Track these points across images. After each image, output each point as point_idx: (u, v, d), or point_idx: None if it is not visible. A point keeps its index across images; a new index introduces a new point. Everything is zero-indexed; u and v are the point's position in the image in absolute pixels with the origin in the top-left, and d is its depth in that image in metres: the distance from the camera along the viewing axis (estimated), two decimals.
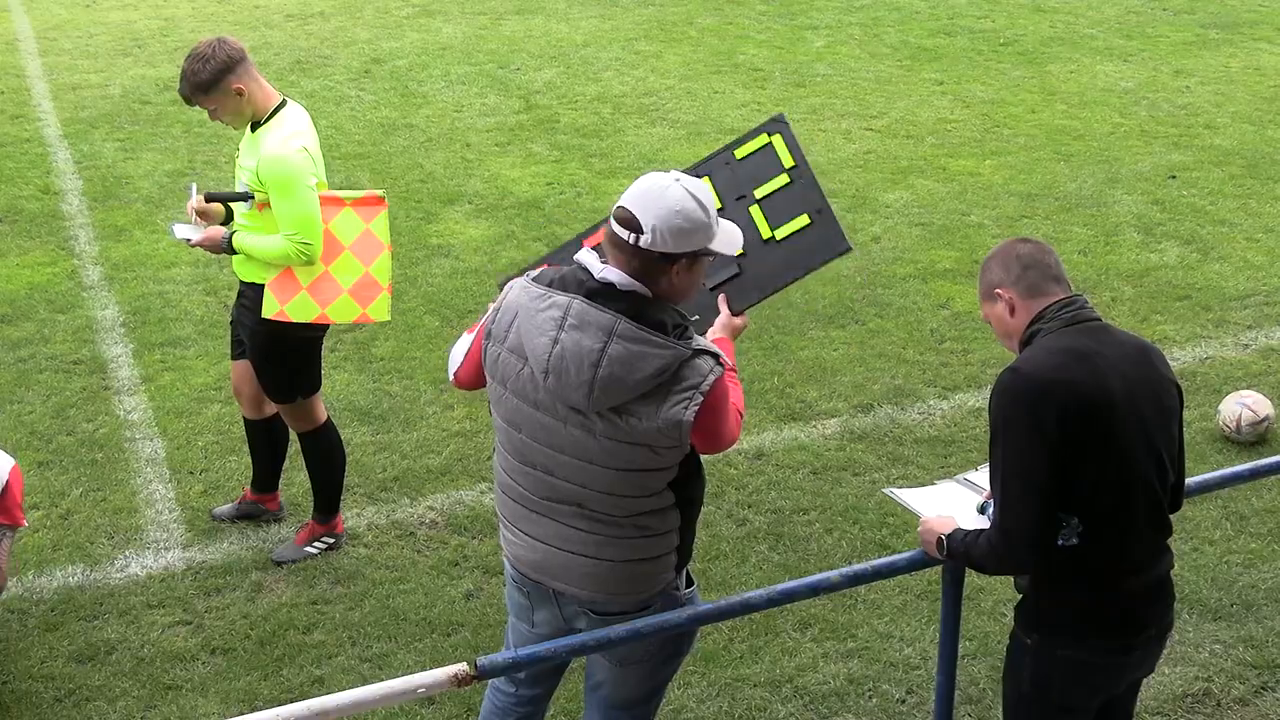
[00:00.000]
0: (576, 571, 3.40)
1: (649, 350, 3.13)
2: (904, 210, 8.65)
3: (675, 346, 3.14)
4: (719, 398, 3.22)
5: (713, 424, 3.23)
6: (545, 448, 3.28)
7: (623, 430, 3.18)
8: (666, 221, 3.13)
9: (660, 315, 3.18)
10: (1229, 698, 4.57)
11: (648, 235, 3.13)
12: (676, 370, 3.15)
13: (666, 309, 3.20)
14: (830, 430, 6.19)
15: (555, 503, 3.35)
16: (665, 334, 3.15)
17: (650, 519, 3.35)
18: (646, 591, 3.44)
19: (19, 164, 9.50)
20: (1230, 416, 6.03)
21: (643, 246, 3.14)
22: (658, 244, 3.14)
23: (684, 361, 3.16)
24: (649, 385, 3.13)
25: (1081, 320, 3.24)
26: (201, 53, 4.78)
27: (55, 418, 6.29)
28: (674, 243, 3.15)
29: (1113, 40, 12.49)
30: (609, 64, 11.84)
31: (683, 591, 3.52)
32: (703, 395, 3.16)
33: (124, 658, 4.77)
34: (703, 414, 3.18)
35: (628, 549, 3.36)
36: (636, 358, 3.12)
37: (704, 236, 3.20)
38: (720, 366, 3.22)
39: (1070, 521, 3.16)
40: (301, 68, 11.72)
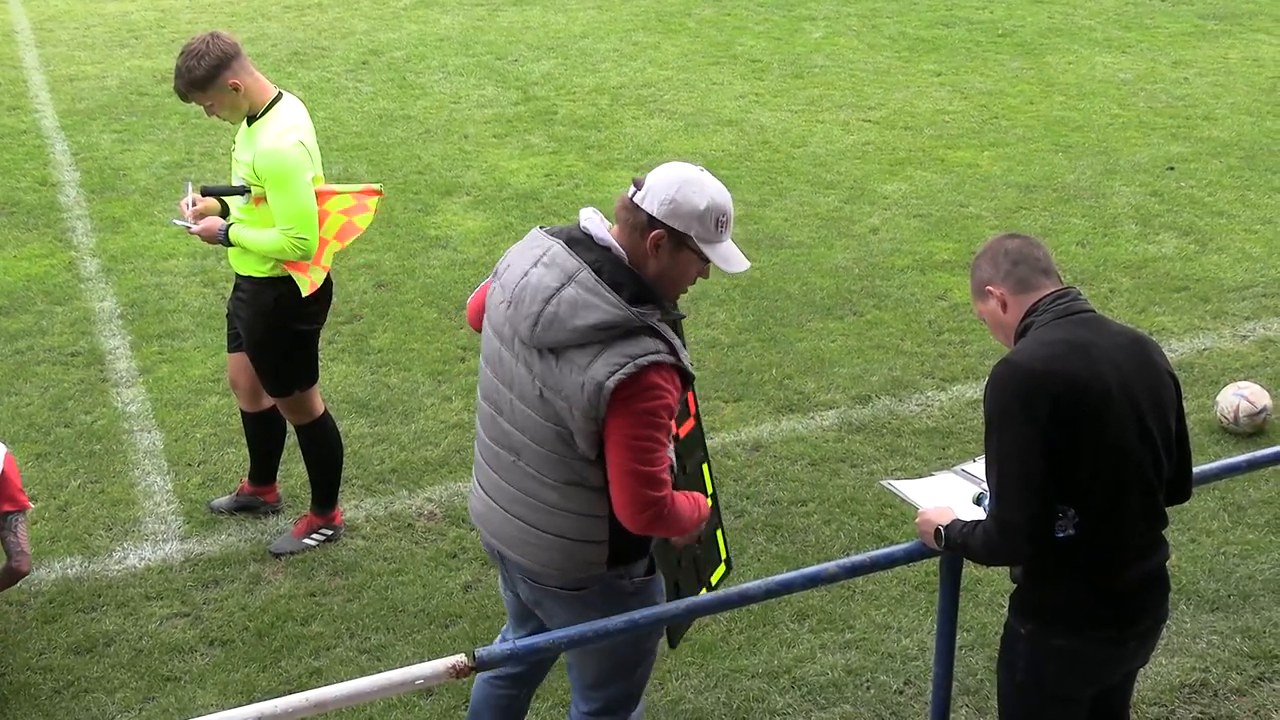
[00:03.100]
0: (511, 532, 3.44)
1: (597, 302, 3.15)
2: (902, 201, 8.65)
3: (625, 309, 3.15)
4: (649, 386, 3.14)
5: (632, 410, 3.13)
6: (499, 382, 3.35)
7: (554, 377, 3.19)
8: (664, 185, 3.19)
9: (623, 278, 3.19)
10: (1226, 688, 4.58)
11: (643, 192, 3.20)
12: (620, 335, 3.14)
13: (636, 278, 3.21)
14: (828, 422, 6.20)
15: (501, 449, 3.38)
16: (619, 295, 3.15)
17: (577, 495, 3.32)
18: (575, 572, 3.42)
19: (16, 155, 9.48)
20: (1228, 408, 6.04)
21: (634, 201, 3.21)
22: (646, 202, 3.19)
23: (631, 330, 3.15)
24: (587, 336, 3.14)
25: (1075, 312, 3.25)
26: (195, 49, 4.77)
27: (53, 410, 6.29)
28: (659, 207, 3.18)
29: (1111, 31, 12.48)
30: (607, 55, 11.82)
31: (633, 579, 3.48)
32: (635, 368, 3.12)
33: (122, 649, 4.77)
34: (625, 389, 3.12)
35: (553, 520, 3.35)
36: (582, 305, 3.15)
37: (691, 223, 3.19)
38: (667, 357, 3.16)
39: (1066, 512, 3.16)
40: (299, 59, 11.71)
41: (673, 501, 3.25)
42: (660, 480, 3.21)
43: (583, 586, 3.45)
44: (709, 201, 3.21)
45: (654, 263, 3.24)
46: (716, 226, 3.24)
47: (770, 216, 8.44)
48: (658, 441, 3.19)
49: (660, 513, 3.23)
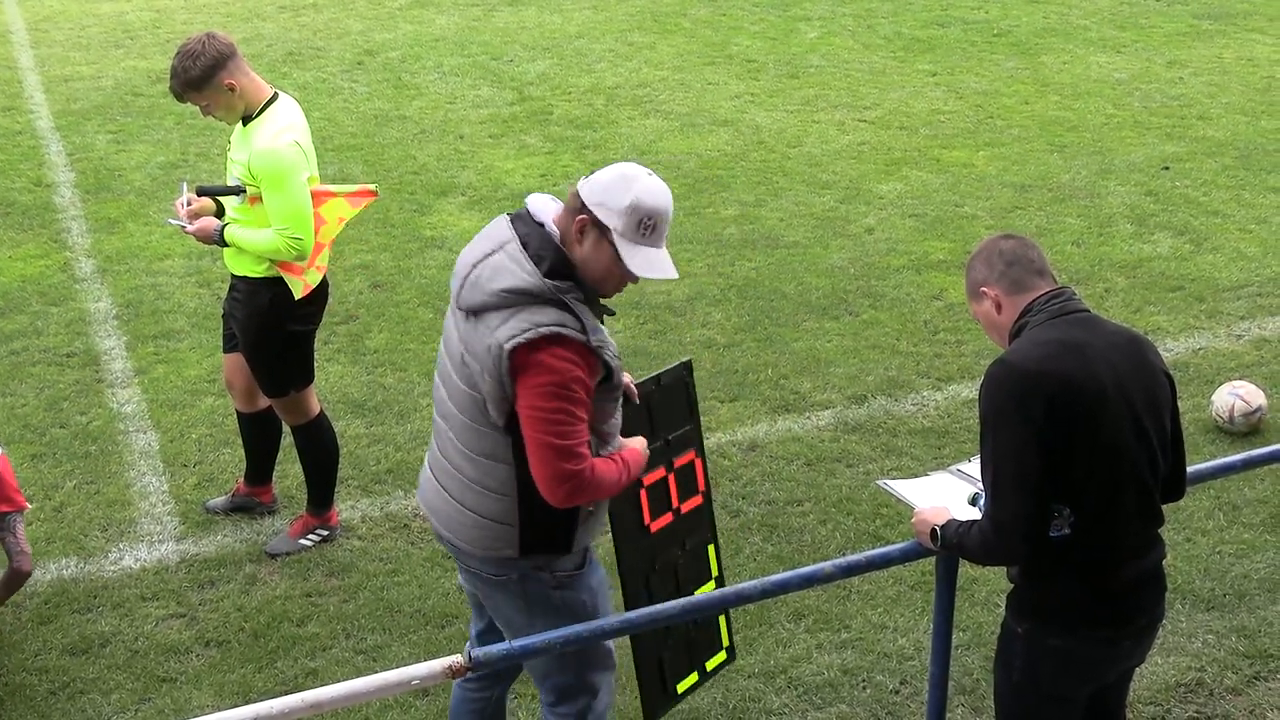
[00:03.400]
0: (439, 505, 3.53)
1: (515, 269, 3.25)
2: (897, 201, 8.65)
3: (538, 279, 3.22)
4: (551, 356, 3.18)
5: (536, 380, 3.19)
6: (444, 351, 3.46)
7: (471, 339, 3.28)
8: (604, 175, 3.27)
9: (546, 253, 3.27)
10: (1221, 687, 4.58)
11: (586, 178, 3.29)
12: (530, 302, 3.22)
13: (561, 256, 3.26)
14: (824, 422, 6.20)
15: (439, 419, 3.48)
16: (536, 266, 3.23)
17: (491, 470, 3.38)
18: (489, 553, 3.46)
19: (11, 156, 9.47)
20: (1223, 407, 6.04)
21: (578, 185, 3.29)
22: (582, 185, 3.27)
23: (542, 299, 3.22)
24: (501, 300, 3.23)
25: (1069, 312, 3.25)
26: (191, 49, 4.76)
27: (48, 410, 6.29)
28: (590, 191, 3.25)
29: (1106, 31, 12.49)
30: (602, 55, 11.82)
31: (554, 573, 3.50)
32: (536, 334, 3.19)
33: (118, 650, 4.77)
34: (524, 355, 3.19)
35: (469, 494, 3.42)
36: (501, 270, 3.26)
37: (614, 217, 3.23)
38: (574, 333, 3.20)
39: (1061, 511, 3.17)
40: (294, 59, 11.70)
41: (592, 472, 3.30)
42: (575, 453, 3.25)
43: (502, 575, 3.50)
44: (634, 199, 3.23)
45: (578, 249, 3.29)
46: (640, 228, 3.24)
47: (766, 216, 8.44)
48: (569, 414, 3.22)
49: (579, 485, 3.28)
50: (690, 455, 3.91)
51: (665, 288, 7.47)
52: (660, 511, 3.80)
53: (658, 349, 6.82)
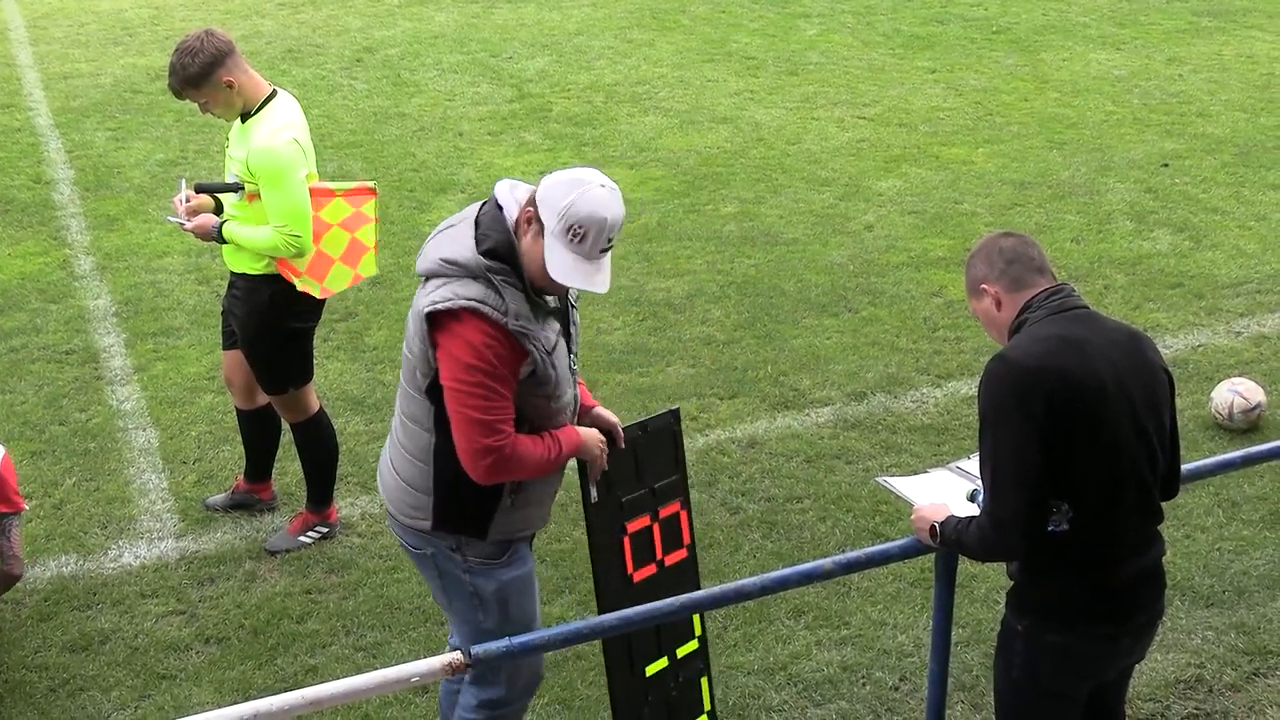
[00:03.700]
0: (382, 468, 3.66)
1: (457, 240, 3.35)
2: (897, 198, 8.65)
3: (473, 254, 3.31)
4: (468, 330, 3.26)
5: (453, 351, 3.28)
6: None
7: (415, 302, 3.40)
8: (559, 174, 3.30)
9: (492, 233, 3.33)
10: (1221, 684, 4.59)
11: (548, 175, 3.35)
12: (461, 274, 3.30)
13: (507, 240, 3.32)
14: (823, 418, 6.20)
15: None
16: (475, 243, 3.31)
17: (415, 435, 3.48)
18: (409, 521, 3.54)
19: (10, 153, 9.47)
20: (1222, 404, 6.04)
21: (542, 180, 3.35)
22: (545, 179, 3.32)
23: (471, 274, 3.30)
24: (438, 267, 3.34)
25: (1069, 308, 3.25)
26: (189, 46, 4.76)
27: (48, 408, 6.28)
28: (544, 187, 3.30)
29: (1105, 28, 12.48)
30: (601, 52, 11.82)
31: (467, 558, 3.54)
32: (454, 305, 3.27)
33: (117, 647, 4.77)
34: (442, 324, 3.29)
35: (397, 455, 3.55)
36: (446, 241, 3.38)
37: (550, 216, 3.26)
38: (491, 311, 3.25)
39: (1060, 508, 3.17)
40: (293, 56, 11.69)
41: (513, 449, 3.34)
42: (494, 428, 3.31)
43: (420, 549, 3.59)
44: (569, 204, 3.24)
45: (523, 239, 3.35)
46: (569, 233, 3.25)
47: (765, 213, 8.44)
48: (488, 389, 3.29)
49: (498, 460, 3.33)
50: (676, 506, 3.86)
51: (665, 284, 7.47)
52: (644, 562, 3.77)
53: (657, 345, 6.83)
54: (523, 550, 3.64)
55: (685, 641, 3.98)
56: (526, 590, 3.65)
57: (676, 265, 7.72)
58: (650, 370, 6.61)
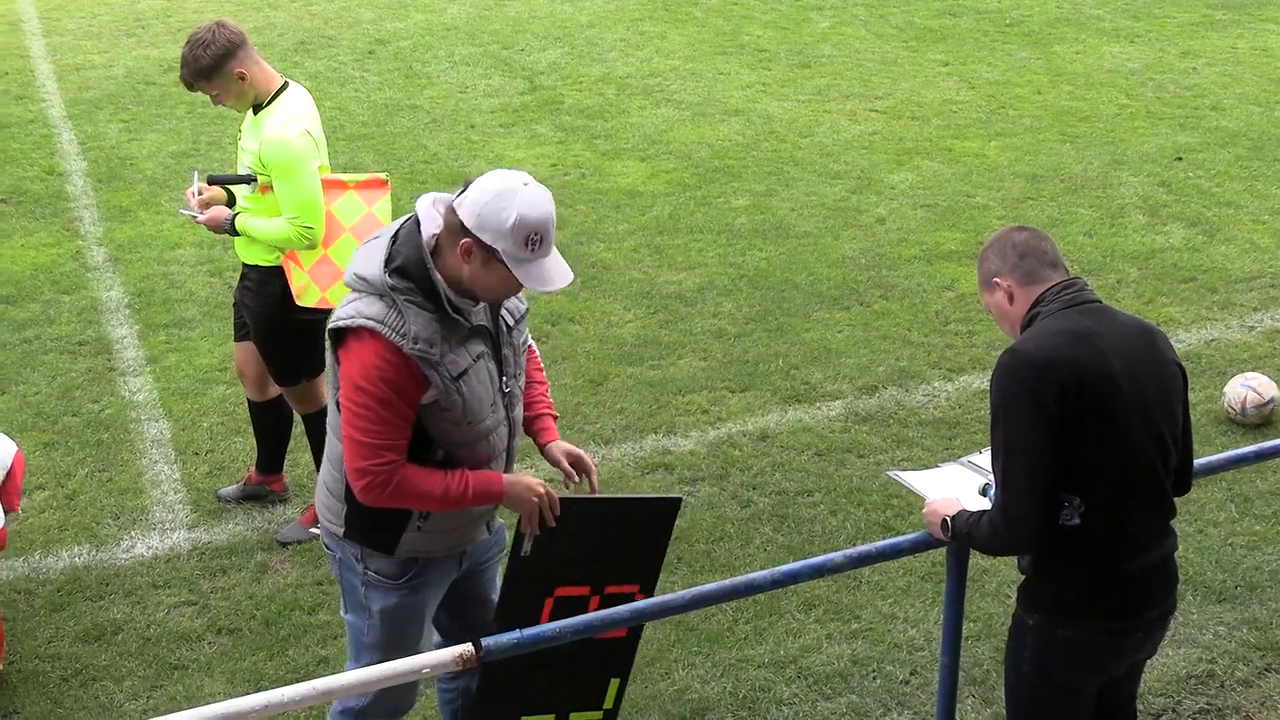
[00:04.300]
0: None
1: (369, 256, 3.30)
2: (909, 192, 8.64)
3: (378, 272, 3.25)
4: (360, 350, 3.23)
5: (347, 370, 3.27)
6: None
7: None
8: (480, 194, 3.20)
9: (404, 251, 3.26)
10: (1233, 679, 4.58)
11: (463, 197, 3.23)
12: (368, 291, 3.27)
13: (419, 259, 3.24)
14: (835, 412, 6.19)
15: None
16: (385, 260, 3.25)
17: (331, 440, 3.49)
18: (326, 524, 3.56)
19: (23, 145, 9.49)
20: (1235, 399, 6.03)
21: (454, 205, 3.25)
22: (462, 208, 3.22)
23: (377, 292, 3.25)
24: (352, 281, 3.32)
25: (1081, 302, 3.25)
26: (201, 38, 4.76)
27: (61, 399, 6.30)
28: (469, 217, 3.20)
29: (1119, 21, 12.44)
30: (614, 45, 11.80)
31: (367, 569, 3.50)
32: (349, 324, 3.25)
33: (130, 638, 4.79)
34: (340, 341, 3.29)
35: (325, 455, 3.55)
36: (361, 257, 3.33)
37: (499, 239, 3.17)
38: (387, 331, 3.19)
39: (1071, 501, 3.16)
40: (305, 48, 11.70)
41: (396, 476, 3.27)
42: (374, 451, 3.25)
43: (332, 550, 3.60)
44: (516, 218, 3.16)
45: (468, 268, 3.25)
46: (527, 244, 3.19)
47: (777, 206, 8.43)
48: (372, 410, 3.23)
49: (377, 483, 3.27)
50: (632, 588, 3.53)
51: (676, 277, 7.46)
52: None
53: (668, 338, 6.82)
54: (429, 576, 3.55)
55: (585, 708, 3.68)
56: (414, 618, 3.59)
57: (688, 258, 7.71)
58: (661, 363, 6.61)
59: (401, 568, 3.51)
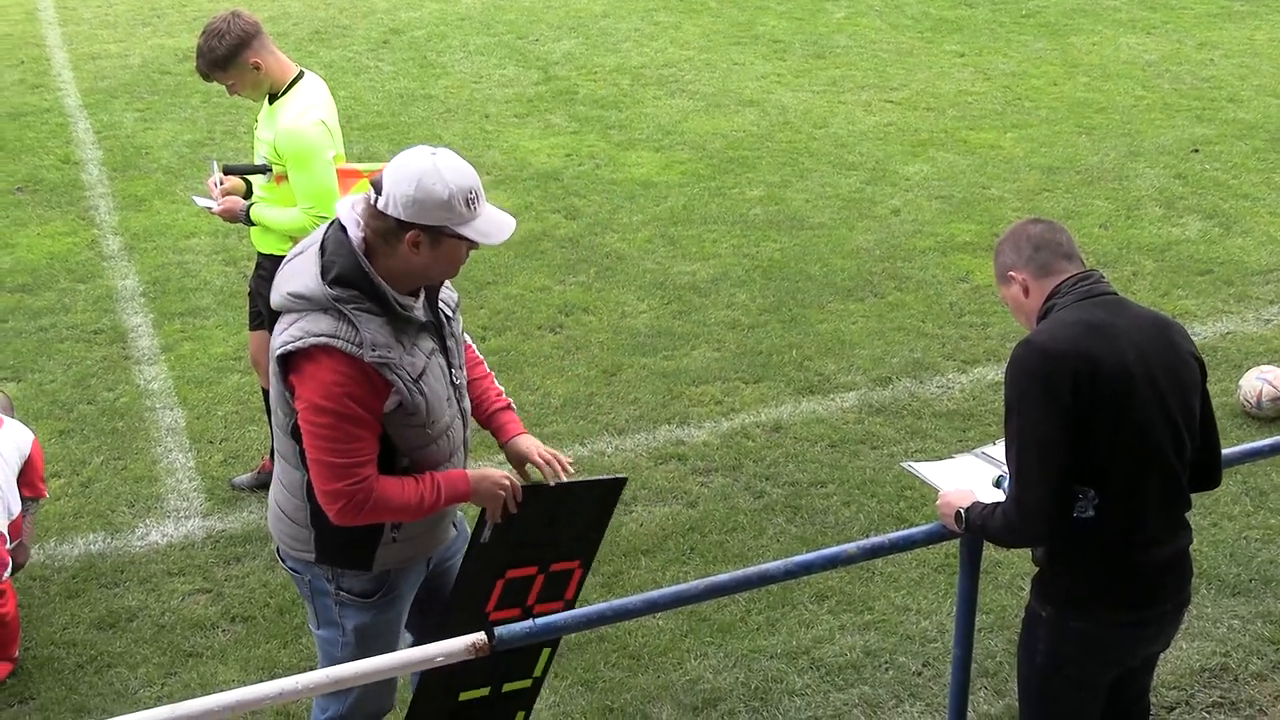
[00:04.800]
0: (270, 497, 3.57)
1: (302, 273, 3.21)
2: (924, 183, 8.61)
3: (319, 285, 3.17)
4: (319, 369, 3.14)
5: (305, 392, 3.17)
6: None
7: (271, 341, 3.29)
8: (403, 185, 3.14)
9: (338, 260, 3.17)
10: (1246, 673, 4.57)
11: (383, 198, 3.16)
12: (312, 308, 3.18)
13: (355, 264, 3.17)
14: (848, 403, 6.19)
15: None
16: (322, 273, 3.17)
17: (286, 470, 3.40)
18: (292, 551, 3.47)
19: (39, 134, 9.52)
20: (1251, 392, 6.01)
21: (379, 208, 3.17)
22: (390, 207, 3.15)
23: (321, 307, 3.17)
24: (288, 302, 3.22)
25: (1097, 294, 3.24)
26: (216, 29, 4.77)
27: (76, 387, 6.33)
28: (404, 210, 3.14)
29: (1136, 12, 12.38)
30: (628, 35, 11.79)
31: (340, 589, 3.47)
32: (304, 344, 3.15)
33: (145, 625, 4.81)
34: (294, 365, 3.19)
35: (277, 490, 3.46)
36: (294, 274, 3.24)
37: (442, 213, 3.15)
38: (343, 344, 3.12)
39: (1086, 493, 3.16)
40: (320, 38, 11.71)
41: (370, 492, 3.20)
42: (345, 471, 3.18)
43: (298, 573, 3.53)
44: (449, 188, 3.14)
45: (418, 258, 3.20)
46: (467, 205, 3.18)
47: (791, 198, 8.41)
48: (338, 430, 3.16)
49: (352, 503, 3.21)
50: (574, 564, 3.56)
51: (690, 268, 7.46)
52: (509, 604, 3.48)
53: (682, 329, 6.82)
54: (400, 588, 3.55)
55: (517, 678, 3.70)
56: (388, 631, 3.57)
57: (702, 249, 7.71)
58: (675, 354, 6.60)
59: (375, 583, 3.48)
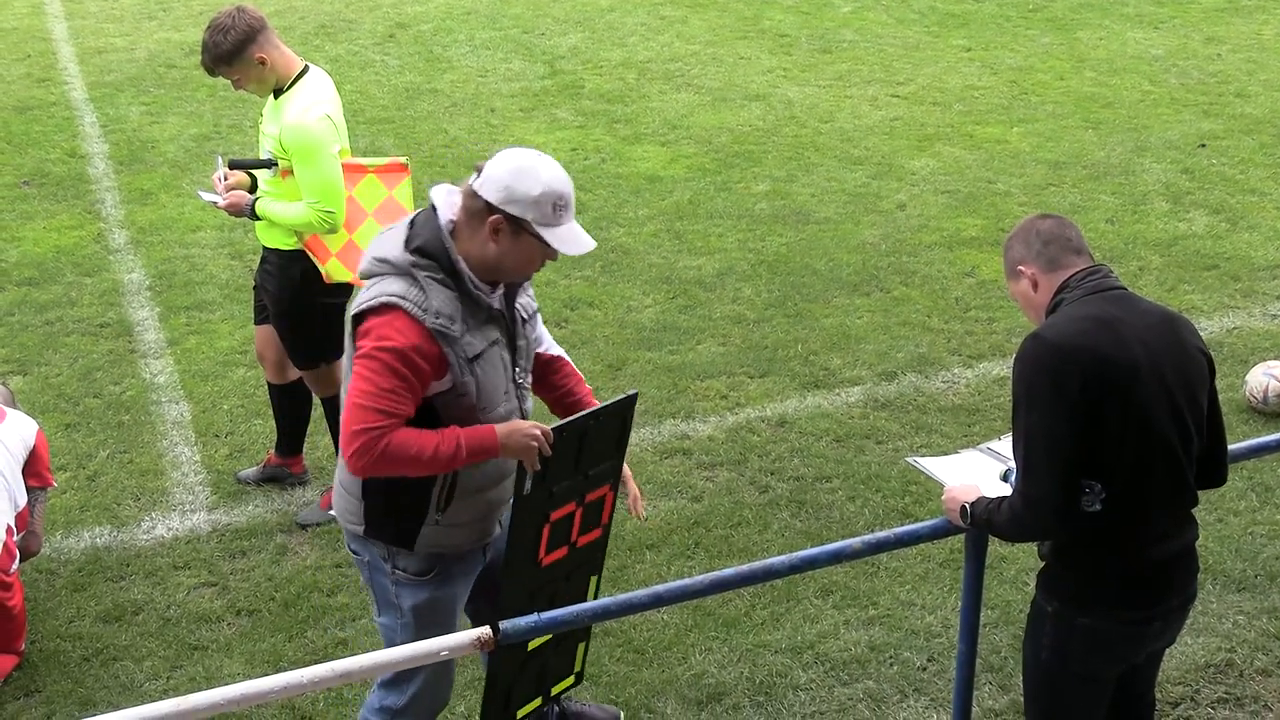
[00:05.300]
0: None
1: (385, 243, 3.36)
2: (930, 178, 8.60)
3: (400, 252, 3.31)
4: (380, 324, 3.25)
5: (363, 342, 3.27)
6: None
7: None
8: (501, 172, 3.28)
9: (423, 233, 3.31)
10: (1251, 668, 4.56)
11: (481, 179, 3.30)
12: (390, 272, 3.31)
13: (439, 240, 3.30)
14: (854, 398, 6.18)
15: None
16: (404, 246, 3.31)
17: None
18: (347, 525, 3.56)
19: (46, 127, 9.53)
20: (1257, 387, 5.99)
21: (474, 187, 3.30)
22: (484, 189, 3.28)
23: (398, 271, 3.29)
24: (372, 266, 3.36)
25: (1105, 288, 3.23)
26: (221, 24, 4.77)
27: (82, 380, 6.34)
28: (493, 193, 3.27)
29: (1143, 7, 12.35)
30: (634, 29, 11.78)
31: (395, 568, 3.53)
32: (376, 302, 3.27)
33: (150, 618, 4.81)
34: (364, 320, 3.29)
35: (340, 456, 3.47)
36: (380, 243, 3.39)
37: (528, 208, 3.26)
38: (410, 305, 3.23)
39: (1092, 487, 3.15)
40: (326, 32, 11.71)
41: (386, 438, 3.26)
42: (370, 414, 3.25)
43: (358, 555, 3.63)
44: (544, 187, 3.27)
45: (495, 246, 3.31)
46: (554, 210, 3.30)
47: (797, 192, 8.40)
48: (380, 376, 3.25)
49: (368, 448, 3.25)
50: (604, 490, 3.64)
51: (696, 262, 7.45)
52: (557, 545, 3.54)
53: (687, 324, 6.82)
54: (454, 571, 3.60)
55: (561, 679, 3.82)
56: (445, 612, 3.63)
57: (707, 243, 7.70)
58: (680, 348, 6.60)
59: (428, 563, 3.55)
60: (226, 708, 2.93)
